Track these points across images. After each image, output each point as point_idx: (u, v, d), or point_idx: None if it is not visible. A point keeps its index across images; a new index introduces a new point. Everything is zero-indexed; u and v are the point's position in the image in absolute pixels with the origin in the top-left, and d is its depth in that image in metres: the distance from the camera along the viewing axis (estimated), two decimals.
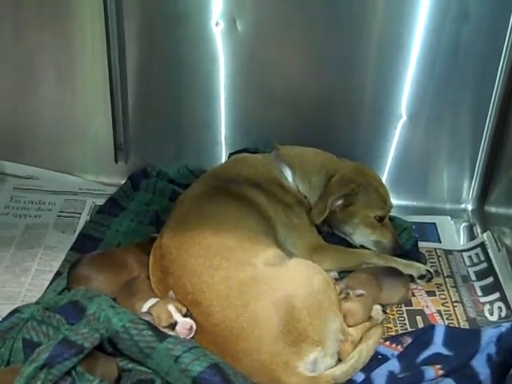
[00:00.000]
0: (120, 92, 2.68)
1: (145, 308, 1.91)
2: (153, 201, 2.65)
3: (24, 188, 2.80)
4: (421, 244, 2.48)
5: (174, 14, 2.53)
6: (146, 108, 2.77)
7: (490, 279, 2.31)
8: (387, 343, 1.98)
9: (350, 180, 2.30)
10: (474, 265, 2.40)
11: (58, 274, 2.27)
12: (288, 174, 2.36)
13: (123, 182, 2.78)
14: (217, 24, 2.52)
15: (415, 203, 2.81)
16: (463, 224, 2.73)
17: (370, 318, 2.00)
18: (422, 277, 2.27)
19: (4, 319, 1.91)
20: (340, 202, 2.31)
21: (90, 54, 2.64)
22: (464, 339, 1.93)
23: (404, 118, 2.67)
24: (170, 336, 1.78)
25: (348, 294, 2.01)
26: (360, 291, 2.02)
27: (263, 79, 2.67)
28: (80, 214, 2.67)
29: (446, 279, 2.33)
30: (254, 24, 2.55)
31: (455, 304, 2.21)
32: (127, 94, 2.71)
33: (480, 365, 1.82)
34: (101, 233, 2.47)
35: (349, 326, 1.92)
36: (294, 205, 2.31)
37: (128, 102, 2.72)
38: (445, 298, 2.24)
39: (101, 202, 2.68)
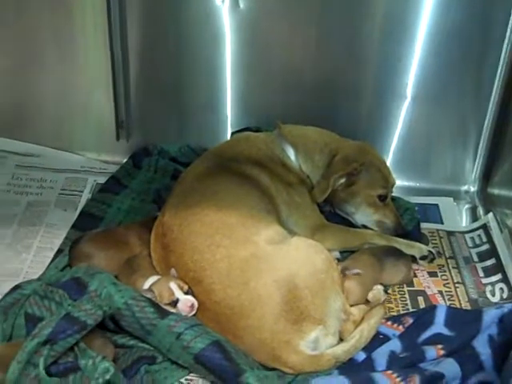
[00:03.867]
0: (122, 70, 2.67)
1: (146, 285, 1.91)
2: (154, 179, 2.65)
3: (26, 165, 2.79)
4: (423, 225, 2.48)
5: None
6: (148, 86, 2.75)
7: (492, 260, 2.30)
8: (389, 323, 1.98)
9: (353, 159, 2.29)
10: (477, 246, 2.40)
11: (60, 251, 2.26)
12: (291, 152, 2.35)
13: (125, 160, 2.78)
14: (221, 1, 2.50)
15: (418, 184, 2.80)
16: (466, 205, 2.72)
17: (367, 301, 1.99)
18: (423, 257, 2.27)
19: (6, 295, 1.92)
20: (342, 180, 2.30)
21: (91, 32, 2.62)
22: (465, 320, 1.93)
23: (408, 99, 2.65)
24: (172, 313, 1.79)
25: (345, 274, 2.01)
26: (356, 270, 2.02)
27: (267, 58, 2.65)
28: (81, 192, 2.66)
29: (448, 260, 2.33)
30: (257, 2, 2.52)
31: (457, 285, 2.21)
32: (129, 72, 2.69)
33: (481, 345, 1.82)
34: (102, 211, 2.47)
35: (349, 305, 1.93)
36: (297, 184, 2.31)
37: (130, 80, 2.71)
38: (446, 279, 2.24)
39: (102, 180, 2.67)
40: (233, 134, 2.71)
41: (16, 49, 2.68)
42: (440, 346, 1.84)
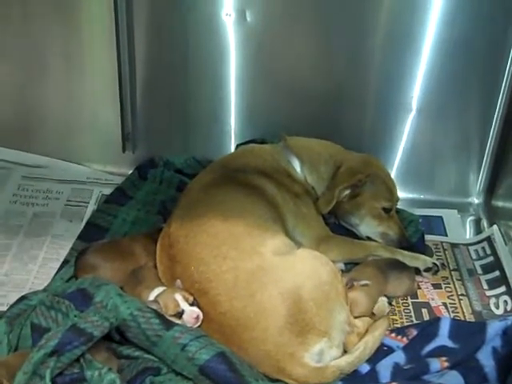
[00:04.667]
0: (128, 82, 2.68)
1: (152, 296, 1.91)
2: (160, 190, 2.66)
3: (32, 177, 2.81)
4: (427, 237, 2.48)
5: (184, 3, 2.52)
6: (154, 98, 2.77)
7: (496, 273, 2.30)
8: (393, 335, 1.98)
9: (358, 171, 2.30)
10: (481, 258, 2.40)
11: (65, 262, 2.27)
12: (296, 164, 2.36)
13: (130, 171, 2.79)
14: (227, 15, 2.52)
15: (422, 196, 2.81)
16: (470, 218, 2.72)
17: (373, 314, 2.00)
18: (428, 269, 2.27)
19: (12, 306, 1.92)
20: (347, 192, 2.31)
21: (98, 44, 2.64)
22: (469, 332, 1.93)
23: (413, 112, 2.66)
24: (177, 324, 1.79)
25: (353, 284, 2.02)
26: (365, 281, 2.03)
27: (272, 70, 2.66)
28: (87, 203, 2.68)
29: (452, 272, 2.33)
30: (263, 15, 2.54)
31: (461, 297, 2.21)
32: (136, 84, 2.71)
33: (485, 357, 1.81)
34: (108, 222, 2.48)
35: (354, 317, 1.93)
36: (302, 194, 2.31)
37: (136, 91, 2.73)
38: (451, 291, 2.24)
39: (108, 191, 2.69)
40: (238, 146, 2.72)
41: (24, 61, 2.70)
42: (444, 358, 1.83)
